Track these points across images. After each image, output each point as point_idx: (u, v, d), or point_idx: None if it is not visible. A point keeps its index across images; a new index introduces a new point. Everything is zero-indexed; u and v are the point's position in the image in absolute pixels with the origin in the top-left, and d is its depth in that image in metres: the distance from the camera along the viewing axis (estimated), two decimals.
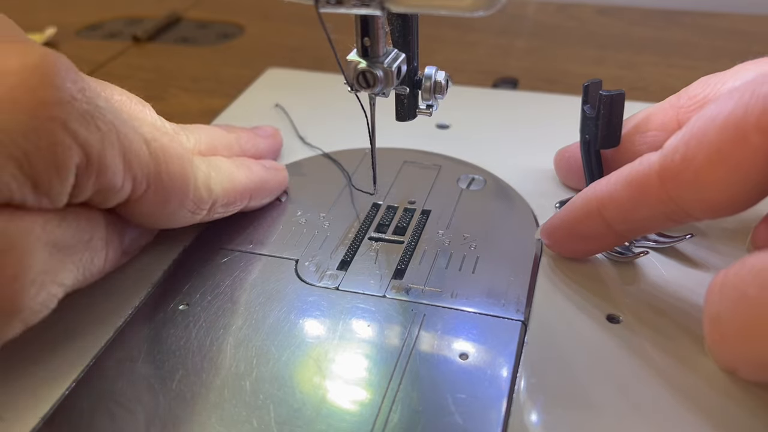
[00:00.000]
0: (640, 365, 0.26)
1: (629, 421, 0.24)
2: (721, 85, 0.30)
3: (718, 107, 0.24)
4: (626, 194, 0.26)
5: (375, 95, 0.29)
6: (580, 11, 0.64)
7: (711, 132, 0.24)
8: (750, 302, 0.21)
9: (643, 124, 0.32)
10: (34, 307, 0.22)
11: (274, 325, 0.28)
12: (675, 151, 0.25)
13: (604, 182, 0.28)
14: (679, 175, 0.24)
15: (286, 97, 0.46)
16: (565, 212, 0.30)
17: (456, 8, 0.23)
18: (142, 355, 0.27)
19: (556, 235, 0.31)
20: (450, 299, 0.29)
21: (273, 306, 0.29)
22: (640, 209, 0.26)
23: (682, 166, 0.24)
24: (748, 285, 0.21)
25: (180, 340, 0.27)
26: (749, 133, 0.23)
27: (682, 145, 0.24)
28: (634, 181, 0.26)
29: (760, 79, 0.24)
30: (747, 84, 0.24)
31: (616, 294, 0.29)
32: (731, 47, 0.56)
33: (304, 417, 0.24)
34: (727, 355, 0.23)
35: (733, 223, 0.33)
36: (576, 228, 0.29)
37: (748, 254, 0.22)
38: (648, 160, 0.26)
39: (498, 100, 0.47)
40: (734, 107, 0.23)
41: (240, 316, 0.28)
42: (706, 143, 0.24)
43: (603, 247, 0.30)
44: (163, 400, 0.25)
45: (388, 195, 0.36)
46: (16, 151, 0.20)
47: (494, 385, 0.25)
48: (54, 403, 0.25)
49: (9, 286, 0.21)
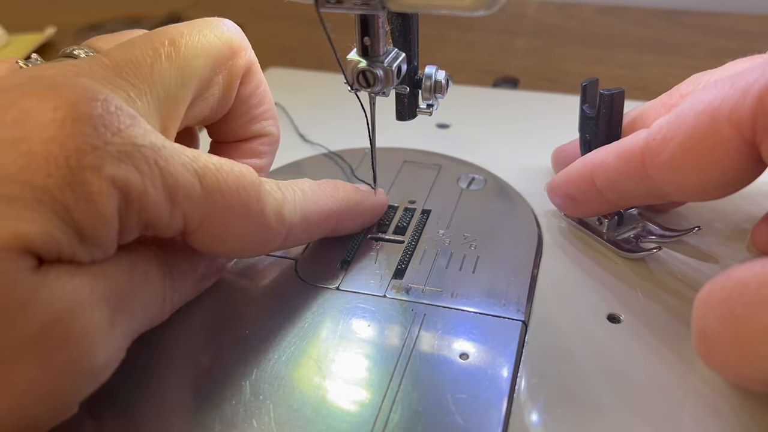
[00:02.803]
0: (641, 365, 0.26)
1: (630, 421, 0.24)
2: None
3: (701, 95, 0.25)
4: (614, 165, 0.28)
5: (375, 94, 0.29)
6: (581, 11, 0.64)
7: (689, 118, 0.25)
8: (737, 319, 0.21)
9: (636, 121, 0.32)
10: (107, 364, 0.22)
11: (274, 325, 0.28)
12: (659, 131, 0.26)
13: (601, 150, 0.30)
14: (658, 155, 0.26)
15: (287, 96, 0.46)
16: (565, 173, 0.32)
17: (456, 8, 0.23)
18: (142, 355, 0.27)
19: (556, 193, 0.33)
20: (450, 299, 0.29)
21: (273, 306, 0.29)
22: (624, 181, 0.28)
23: (661, 146, 0.26)
24: (734, 301, 0.21)
25: (180, 341, 0.27)
26: (721, 124, 0.24)
27: (665, 127, 0.26)
28: (622, 154, 0.28)
29: (743, 72, 0.24)
30: (731, 76, 0.25)
31: (617, 294, 0.29)
32: (732, 47, 0.56)
33: (304, 417, 0.24)
34: (716, 368, 0.23)
35: (733, 222, 0.33)
36: (571, 190, 0.31)
37: (734, 266, 0.22)
38: (637, 136, 0.27)
39: (498, 100, 0.47)
40: (713, 97, 0.24)
41: (240, 316, 0.28)
42: (683, 128, 0.25)
43: (596, 211, 0.32)
44: (163, 400, 0.25)
45: (389, 194, 0.36)
46: (56, 205, 0.20)
47: (495, 385, 0.25)
48: None
49: (78, 348, 0.20)
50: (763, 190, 0.30)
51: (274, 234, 0.26)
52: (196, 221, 0.23)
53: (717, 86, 0.25)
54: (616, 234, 0.32)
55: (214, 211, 0.24)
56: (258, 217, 0.25)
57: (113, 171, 0.21)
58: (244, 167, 0.25)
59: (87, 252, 0.21)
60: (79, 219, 0.20)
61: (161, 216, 0.22)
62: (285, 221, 0.26)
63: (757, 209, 0.33)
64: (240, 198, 0.24)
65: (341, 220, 0.30)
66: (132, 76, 0.24)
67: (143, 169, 0.21)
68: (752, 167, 0.24)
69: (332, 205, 0.29)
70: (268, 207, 0.26)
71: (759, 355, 0.21)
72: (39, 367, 0.19)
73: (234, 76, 0.29)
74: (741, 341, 0.21)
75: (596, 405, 0.24)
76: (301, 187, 0.28)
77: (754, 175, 0.25)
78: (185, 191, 0.23)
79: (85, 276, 0.21)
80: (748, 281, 0.21)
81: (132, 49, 0.25)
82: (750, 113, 0.23)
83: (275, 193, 0.26)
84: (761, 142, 0.23)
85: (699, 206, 0.34)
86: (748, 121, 0.23)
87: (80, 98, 0.21)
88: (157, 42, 0.25)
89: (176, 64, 0.25)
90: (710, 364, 0.23)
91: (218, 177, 0.24)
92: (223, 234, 0.25)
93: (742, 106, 0.23)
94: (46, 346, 0.19)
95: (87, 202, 0.20)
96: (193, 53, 0.26)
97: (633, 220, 0.33)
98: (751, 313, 0.21)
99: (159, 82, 0.25)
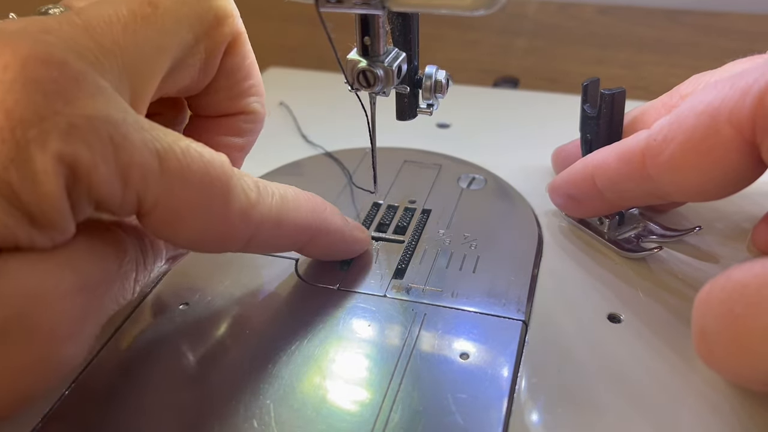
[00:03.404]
0: (642, 365, 0.26)
1: (630, 421, 0.24)
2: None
3: (702, 95, 0.25)
4: (615, 165, 0.28)
5: (375, 94, 0.29)
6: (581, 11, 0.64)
7: (690, 118, 0.25)
8: (736, 319, 0.21)
9: (636, 122, 0.32)
10: (77, 355, 0.21)
11: (274, 325, 0.28)
12: (659, 131, 0.26)
13: (602, 151, 0.30)
14: (658, 156, 0.26)
15: (287, 96, 0.46)
16: (566, 174, 0.32)
17: (457, 7, 0.23)
18: (142, 355, 0.27)
19: (557, 193, 0.33)
20: (450, 299, 0.29)
21: (273, 306, 0.29)
22: (625, 182, 0.28)
23: (662, 147, 0.26)
24: (734, 302, 0.21)
25: (180, 340, 0.27)
26: (721, 124, 0.24)
27: (666, 127, 0.26)
28: (623, 154, 0.28)
29: (742, 73, 0.24)
30: (731, 77, 0.25)
31: (617, 293, 0.29)
32: (733, 47, 0.56)
33: (304, 417, 0.24)
34: (715, 368, 0.23)
35: (734, 222, 0.33)
36: (572, 190, 0.32)
37: (734, 266, 0.22)
38: (638, 137, 0.27)
39: (498, 100, 0.47)
40: (713, 98, 0.24)
41: (240, 315, 0.28)
42: (683, 129, 0.25)
43: (597, 211, 0.32)
44: (164, 400, 0.25)
45: (389, 194, 0.36)
46: (1, 186, 0.18)
47: (495, 385, 0.25)
48: (54, 403, 0.25)
49: (45, 344, 0.19)
50: (764, 190, 0.30)
51: (235, 234, 0.24)
52: (150, 204, 0.21)
53: (717, 87, 0.25)
54: (617, 234, 0.32)
55: (170, 197, 0.22)
56: (219, 213, 0.23)
57: (60, 146, 0.19)
58: (219, 156, 0.23)
59: (45, 236, 0.19)
60: (26, 201, 0.18)
61: (112, 195, 0.20)
62: (251, 223, 0.24)
63: (757, 209, 0.33)
64: (202, 188, 0.22)
65: (314, 239, 0.28)
66: (102, 37, 0.21)
67: (94, 145, 0.19)
68: (753, 167, 0.24)
69: (311, 221, 0.27)
70: (235, 204, 0.23)
71: (759, 355, 0.21)
72: (0, 364, 0.19)
73: (218, 44, 0.26)
74: (741, 341, 0.21)
75: (596, 405, 0.24)
76: (284, 192, 0.26)
77: (754, 176, 0.25)
78: (141, 171, 0.20)
79: (50, 264, 0.19)
80: (748, 282, 0.21)
81: (106, 7, 0.22)
82: (750, 113, 0.23)
83: (249, 192, 0.24)
84: (761, 143, 0.23)
85: (699, 206, 0.34)
86: (748, 121, 0.23)
87: (34, 59, 0.19)
88: (134, 2, 0.23)
89: (153, 27, 0.23)
90: (710, 363, 0.23)
91: (182, 161, 0.22)
92: (178, 223, 0.22)
93: (742, 106, 0.23)
94: (8, 342, 0.18)
95: (33, 182, 0.18)
96: (173, 17, 0.24)
97: (634, 219, 0.33)
98: (750, 314, 0.21)
99: (132, 45, 0.22)
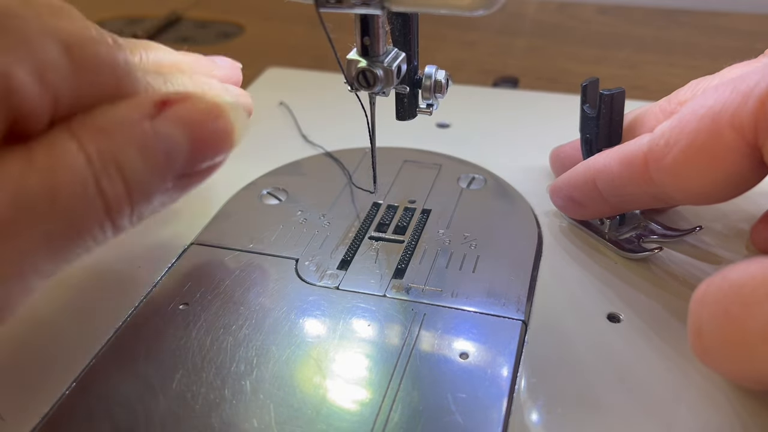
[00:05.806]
0: (642, 365, 0.26)
1: (630, 420, 0.24)
2: None
3: (703, 99, 0.25)
4: (617, 169, 0.28)
5: (375, 94, 0.29)
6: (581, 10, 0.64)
7: (692, 122, 0.25)
8: (732, 320, 0.21)
9: (635, 126, 0.32)
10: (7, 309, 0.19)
11: (274, 324, 0.28)
12: (662, 136, 0.26)
13: (604, 154, 0.30)
14: (661, 160, 0.26)
15: (286, 96, 0.46)
16: (567, 176, 0.32)
17: (456, 7, 0.23)
18: (142, 355, 0.27)
19: (558, 195, 0.33)
20: (450, 298, 0.29)
21: (273, 306, 0.29)
22: (628, 186, 0.28)
23: (664, 151, 0.26)
24: (730, 302, 0.21)
25: (180, 340, 0.27)
26: (723, 128, 0.24)
27: (668, 131, 0.26)
28: (625, 158, 0.28)
29: (743, 76, 0.24)
30: (732, 80, 0.25)
31: (617, 293, 0.29)
32: (732, 46, 0.56)
33: (304, 417, 0.24)
34: (712, 366, 0.23)
35: (733, 222, 0.33)
36: (574, 193, 0.32)
37: (729, 266, 0.22)
38: (640, 141, 0.27)
39: (498, 100, 0.47)
40: (715, 101, 0.24)
41: (240, 315, 0.28)
42: (686, 133, 0.25)
43: (598, 214, 0.32)
44: (163, 400, 0.25)
45: (389, 194, 0.36)
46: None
47: (495, 385, 0.25)
48: (54, 403, 0.25)
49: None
50: (764, 190, 0.30)
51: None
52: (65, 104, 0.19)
53: (718, 90, 0.25)
54: (617, 234, 0.32)
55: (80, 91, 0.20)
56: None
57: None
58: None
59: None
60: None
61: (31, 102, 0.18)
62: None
63: (756, 209, 0.33)
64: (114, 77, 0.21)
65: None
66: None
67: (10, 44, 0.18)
68: (755, 170, 0.25)
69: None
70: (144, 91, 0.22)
71: (754, 354, 0.21)
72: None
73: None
74: (736, 341, 0.21)
75: (596, 404, 0.24)
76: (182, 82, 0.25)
77: (757, 178, 0.25)
78: (54, 68, 0.19)
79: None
80: (744, 282, 0.21)
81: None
82: (751, 117, 0.23)
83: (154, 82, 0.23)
84: (763, 145, 0.23)
85: (699, 206, 0.34)
86: (749, 124, 0.23)
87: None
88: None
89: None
90: (706, 362, 0.23)
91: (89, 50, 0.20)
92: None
93: (743, 109, 0.23)
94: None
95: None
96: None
97: (634, 219, 0.33)
98: (746, 314, 0.21)
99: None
